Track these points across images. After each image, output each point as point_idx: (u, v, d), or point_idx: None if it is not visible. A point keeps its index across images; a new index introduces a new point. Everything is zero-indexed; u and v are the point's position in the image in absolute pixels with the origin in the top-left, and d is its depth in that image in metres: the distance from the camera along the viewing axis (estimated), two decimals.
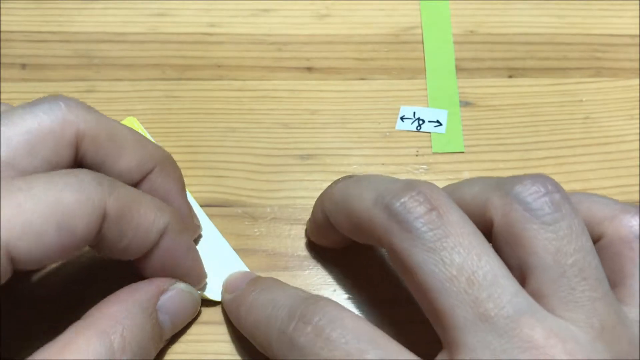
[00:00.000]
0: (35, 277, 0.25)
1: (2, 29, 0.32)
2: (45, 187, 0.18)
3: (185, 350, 0.23)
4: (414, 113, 0.30)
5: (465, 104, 0.30)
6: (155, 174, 0.22)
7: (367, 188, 0.19)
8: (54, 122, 0.20)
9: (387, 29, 0.33)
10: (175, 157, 0.28)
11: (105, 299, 0.20)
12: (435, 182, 0.27)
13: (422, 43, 0.32)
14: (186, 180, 0.27)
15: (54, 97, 0.20)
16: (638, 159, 0.28)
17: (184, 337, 0.23)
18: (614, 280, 0.19)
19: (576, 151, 0.29)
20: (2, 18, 0.32)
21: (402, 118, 0.30)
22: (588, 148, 0.29)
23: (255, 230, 0.26)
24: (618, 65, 0.32)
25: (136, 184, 0.22)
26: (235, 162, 0.28)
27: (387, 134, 0.29)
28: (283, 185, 0.27)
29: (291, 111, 0.30)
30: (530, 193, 0.18)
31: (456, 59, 0.32)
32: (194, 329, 0.24)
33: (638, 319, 0.18)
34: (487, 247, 0.17)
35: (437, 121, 0.29)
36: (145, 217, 0.20)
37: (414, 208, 0.17)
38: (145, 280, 0.21)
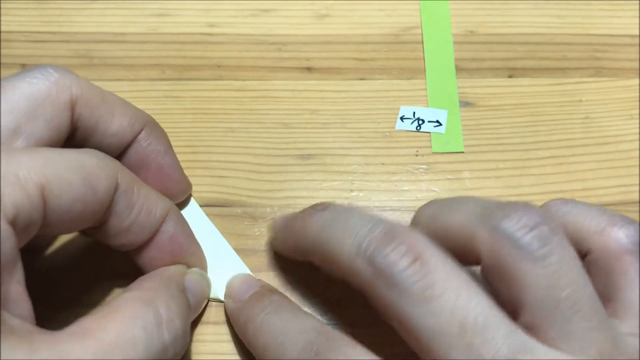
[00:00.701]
0: (35, 277, 0.25)
1: (2, 29, 0.32)
2: (69, 151, 0.19)
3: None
4: (414, 113, 0.30)
5: (465, 104, 0.30)
6: (145, 134, 0.23)
7: (345, 232, 0.19)
8: (49, 86, 0.21)
9: (387, 29, 0.33)
10: None
11: (138, 280, 0.21)
12: (435, 182, 0.28)
13: (422, 43, 0.32)
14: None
15: (42, 65, 0.21)
16: (638, 159, 0.28)
17: None
18: (606, 294, 0.19)
19: (576, 151, 0.29)
20: (2, 18, 0.32)
21: (401, 118, 0.30)
22: (587, 148, 0.29)
23: (255, 230, 0.26)
24: (618, 65, 0.32)
25: (128, 145, 0.23)
26: (235, 162, 0.28)
27: (387, 134, 0.29)
28: (283, 185, 0.27)
29: (291, 111, 0.30)
30: (518, 228, 0.17)
31: (456, 59, 0.32)
32: (193, 329, 0.24)
33: (632, 331, 0.18)
34: (474, 287, 0.17)
35: (437, 121, 0.29)
36: (149, 197, 0.21)
37: (398, 261, 0.17)
38: (167, 266, 0.22)
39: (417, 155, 0.29)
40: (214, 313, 0.24)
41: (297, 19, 0.33)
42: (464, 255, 0.18)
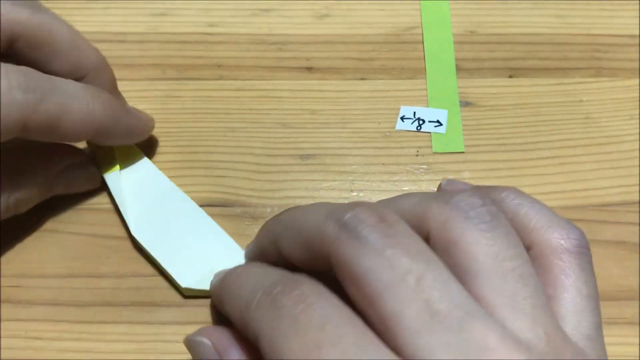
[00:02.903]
0: (36, 277, 0.25)
1: None
2: None
3: (185, 350, 0.23)
4: (414, 113, 0.30)
5: (465, 104, 0.30)
6: (87, 80, 0.24)
7: (317, 208, 0.19)
8: None
9: (387, 29, 0.33)
10: (175, 157, 0.28)
11: None
12: (436, 182, 0.28)
13: (422, 43, 0.32)
14: (186, 180, 0.27)
15: None
16: (638, 159, 0.28)
17: (184, 337, 0.23)
18: (545, 292, 0.18)
19: (576, 151, 0.29)
20: None
21: (402, 118, 0.30)
22: (588, 148, 0.29)
23: (255, 230, 0.26)
24: (618, 65, 0.32)
25: None
26: (235, 162, 0.28)
27: (387, 134, 0.29)
28: (283, 185, 0.27)
29: (291, 111, 0.30)
30: (468, 203, 0.18)
31: (456, 59, 0.32)
32: (193, 329, 0.24)
33: (571, 332, 0.17)
34: (434, 256, 0.17)
35: (437, 121, 0.29)
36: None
37: (364, 218, 0.17)
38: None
39: (417, 155, 0.28)
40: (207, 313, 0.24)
41: (298, 18, 0.33)
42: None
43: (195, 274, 0.24)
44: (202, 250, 0.25)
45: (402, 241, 0.16)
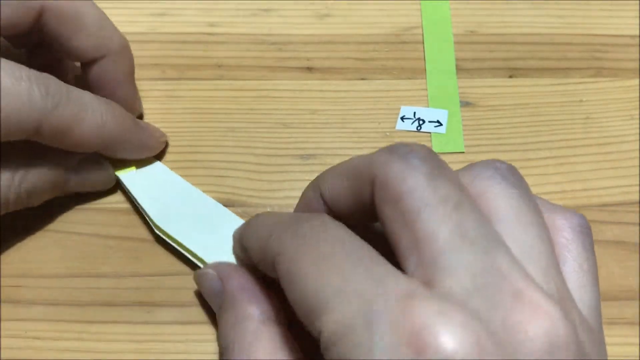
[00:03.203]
0: (36, 277, 0.25)
1: None
2: None
3: (185, 350, 0.23)
4: (414, 113, 0.30)
5: (465, 104, 0.30)
6: (106, 61, 0.25)
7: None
8: None
9: (388, 29, 0.33)
10: (175, 157, 0.28)
11: None
12: None
13: (423, 43, 0.32)
14: (186, 180, 0.27)
15: None
16: (638, 159, 0.28)
17: (184, 337, 0.23)
18: None
19: (576, 151, 0.29)
20: None
21: (402, 118, 0.30)
22: (588, 148, 0.29)
23: None
24: (618, 65, 0.32)
25: (89, 64, 0.25)
26: (235, 162, 0.28)
27: (387, 134, 0.29)
28: (283, 185, 0.27)
29: (291, 111, 0.30)
30: (495, 165, 0.19)
31: (456, 59, 0.32)
32: (193, 329, 0.24)
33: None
34: (470, 195, 0.17)
35: (438, 121, 0.29)
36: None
37: (416, 150, 0.18)
38: None
39: None
40: (214, 313, 0.24)
41: (298, 18, 0.33)
42: None
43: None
44: (228, 241, 0.24)
45: (447, 173, 0.17)
